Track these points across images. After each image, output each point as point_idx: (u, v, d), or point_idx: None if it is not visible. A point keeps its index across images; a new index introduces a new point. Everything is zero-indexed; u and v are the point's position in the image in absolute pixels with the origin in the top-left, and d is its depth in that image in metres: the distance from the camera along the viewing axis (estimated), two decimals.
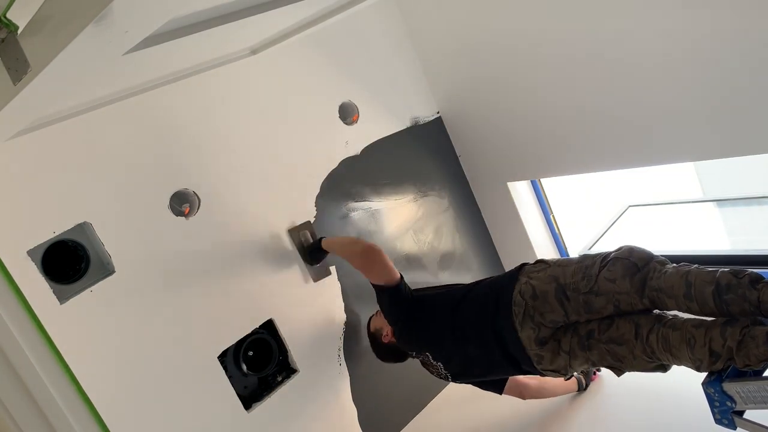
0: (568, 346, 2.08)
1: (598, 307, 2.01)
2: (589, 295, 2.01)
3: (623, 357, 1.98)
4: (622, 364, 2.01)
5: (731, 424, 1.76)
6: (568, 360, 2.10)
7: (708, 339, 1.76)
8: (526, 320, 2.10)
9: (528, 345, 2.13)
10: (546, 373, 2.19)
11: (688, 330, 1.81)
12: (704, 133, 2.45)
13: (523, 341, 2.12)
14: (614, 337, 1.98)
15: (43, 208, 2.10)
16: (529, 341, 2.12)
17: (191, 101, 2.48)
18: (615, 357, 2.00)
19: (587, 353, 2.05)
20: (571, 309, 2.05)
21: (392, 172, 3.09)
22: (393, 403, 2.97)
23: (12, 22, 1.12)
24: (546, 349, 2.11)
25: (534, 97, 2.90)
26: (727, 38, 2.19)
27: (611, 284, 1.97)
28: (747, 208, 3.72)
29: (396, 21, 3.18)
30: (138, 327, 2.25)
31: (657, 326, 1.89)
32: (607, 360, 2.03)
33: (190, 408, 2.35)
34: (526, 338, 2.11)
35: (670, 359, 1.88)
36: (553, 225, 3.47)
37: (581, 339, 2.06)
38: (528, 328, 2.10)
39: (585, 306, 2.02)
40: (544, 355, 2.12)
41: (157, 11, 1.15)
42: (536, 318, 2.09)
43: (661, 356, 1.89)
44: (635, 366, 1.99)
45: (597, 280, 1.99)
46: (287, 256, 2.69)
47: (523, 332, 2.11)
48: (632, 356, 1.96)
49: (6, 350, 2.01)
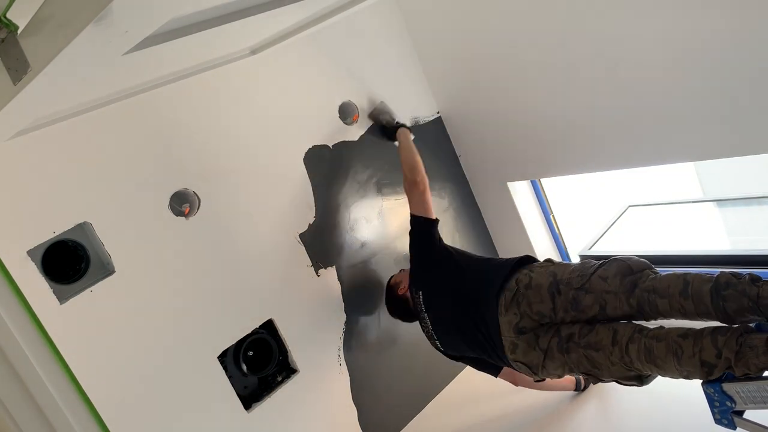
0: (546, 344, 2.08)
1: (584, 306, 2.01)
2: (579, 292, 2.02)
3: (599, 364, 1.97)
4: (599, 371, 2.00)
5: (731, 424, 1.76)
6: (542, 359, 2.09)
7: (698, 350, 1.72)
8: (512, 306, 2.13)
9: (505, 330, 2.14)
10: (516, 365, 2.19)
11: (673, 340, 1.78)
12: (704, 133, 2.45)
13: (501, 326, 2.15)
14: (592, 342, 1.97)
15: (43, 208, 2.10)
16: (507, 327, 2.13)
17: (191, 101, 2.48)
18: (592, 363, 1.99)
19: (565, 356, 2.05)
20: (560, 304, 2.06)
21: (392, 171, 3.09)
22: (393, 403, 2.97)
23: (12, 22, 1.12)
24: (522, 339, 2.12)
25: (534, 97, 2.90)
26: (727, 38, 2.19)
27: (602, 282, 1.98)
28: (747, 208, 3.72)
29: (396, 21, 3.18)
30: (138, 327, 2.25)
31: (638, 336, 1.87)
32: (583, 365, 2.02)
33: (190, 408, 2.35)
34: (506, 323, 2.13)
35: (654, 370, 1.86)
36: (553, 225, 3.47)
37: (561, 340, 2.05)
38: (511, 314, 2.13)
39: (573, 302, 2.03)
40: (519, 345, 2.13)
41: (157, 11, 1.15)
42: (523, 306, 2.11)
43: (641, 367, 1.87)
44: (612, 373, 1.98)
45: (590, 278, 2.02)
46: (287, 256, 2.70)
47: (505, 317, 2.14)
48: (609, 363, 1.95)
49: (6, 350, 2.01)
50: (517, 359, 2.16)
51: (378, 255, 3.01)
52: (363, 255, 2.95)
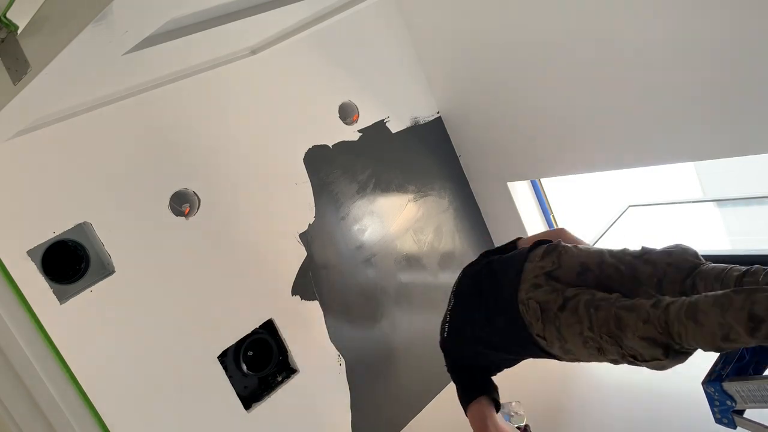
0: (573, 294, 1.93)
1: (640, 274, 1.92)
2: (637, 260, 1.95)
3: (627, 325, 1.79)
4: (622, 333, 1.80)
5: (731, 423, 1.76)
6: (560, 304, 1.92)
7: (749, 302, 1.59)
8: (549, 256, 2.06)
9: (531, 273, 2.04)
10: (525, 304, 2.00)
11: (723, 294, 1.66)
12: (704, 133, 2.45)
13: (526, 270, 2.06)
14: (628, 304, 1.82)
15: (43, 208, 2.10)
16: (535, 271, 2.04)
17: (191, 101, 2.48)
18: (618, 324, 1.81)
19: (590, 312, 1.86)
20: (607, 270, 1.98)
21: (392, 172, 3.09)
22: (392, 403, 2.97)
23: (12, 22, 1.12)
24: (550, 283, 2.00)
25: (534, 97, 2.90)
26: (727, 38, 2.19)
27: (666, 256, 1.93)
28: (747, 208, 3.72)
29: (396, 21, 3.18)
30: (138, 327, 2.25)
31: (681, 299, 1.75)
32: (608, 326, 1.83)
33: (190, 408, 2.36)
34: (536, 267, 2.05)
35: (690, 330, 1.68)
36: (553, 225, 3.47)
37: (593, 299, 1.89)
38: (546, 261, 2.04)
39: (629, 268, 1.95)
40: (543, 286, 2.00)
41: (156, 11, 1.15)
42: (564, 258, 2.04)
43: (674, 328, 1.70)
44: (634, 341, 1.78)
45: (651, 251, 1.97)
46: (287, 256, 2.70)
47: (537, 263, 2.06)
48: (640, 321, 1.76)
49: (6, 350, 2.01)
50: (532, 297, 1.98)
51: (378, 255, 3.01)
52: (363, 255, 2.95)
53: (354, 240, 2.93)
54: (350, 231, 2.92)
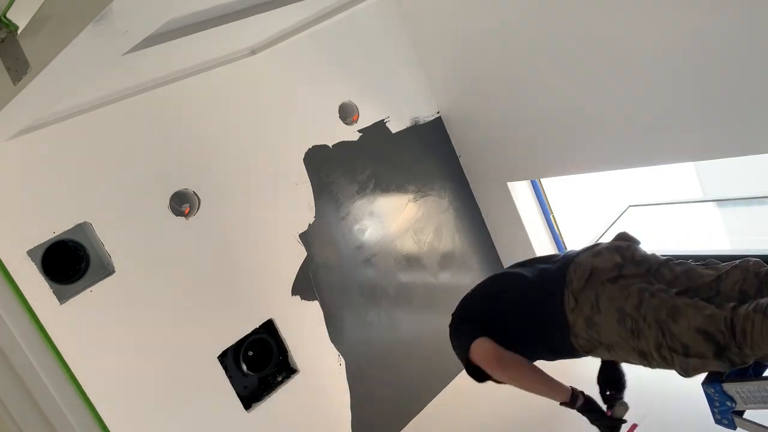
0: (632, 274, 1.83)
1: (723, 288, 1.78)
2: (718, 281, 1.80)
3: (681, 313, 1.68)
4: (673, 321, 1.68)
5: (731, 424, 1.76)
6: (614, 276, 1.82)
7: None
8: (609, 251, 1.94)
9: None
10: (572, 267, 1.90)
11: None
12: (704, 133, 2.45)
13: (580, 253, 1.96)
14: (689, 300, 1.72)
15: (43, 208, 2.10)
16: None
17: (191, 101, 2.48)
18: (671, 312, 1.70)
19: (644, 297, 1.76)
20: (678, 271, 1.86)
21: (392, 172, 3.09)
22: (392, 403, 2.97)
23: (12, 22, 1.12)
24: (605, 257, 1.89)
25: (534, 98, 2.90)
26: (728, 39, 2.19)
27: (741, 272, 1.80)
28: (747, 208, 3.72)
29: (396, 21, 3.18)
30: (138, 327, 2.25)
31: (751, 301, 1.64)
32: (659, 313, 1.71)
33: (190, 408, 2.35)
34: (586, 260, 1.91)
35: (755, 329, 1.56)
36: (553, 225, 3.47)
37: (650, 287, 1.78)
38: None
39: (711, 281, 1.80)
40: (604, 254, 1.90)
41: (156, 11, 1.15)
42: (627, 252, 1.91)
43: (739, 324, 1.59)
44: (686, 331, 1.65)
45: (725, 268, 1.84)
46: (287, 256, 2.70)
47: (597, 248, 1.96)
48: (695, 310, 1.66)
49: (6, 350, 2.01)
50: (589, 259, 1.88)
51: (378, 255, 3.00)
52: (363, 255, 2.95)
53: (354, 240, 2.93)
54: (350, 231, 2.92)
